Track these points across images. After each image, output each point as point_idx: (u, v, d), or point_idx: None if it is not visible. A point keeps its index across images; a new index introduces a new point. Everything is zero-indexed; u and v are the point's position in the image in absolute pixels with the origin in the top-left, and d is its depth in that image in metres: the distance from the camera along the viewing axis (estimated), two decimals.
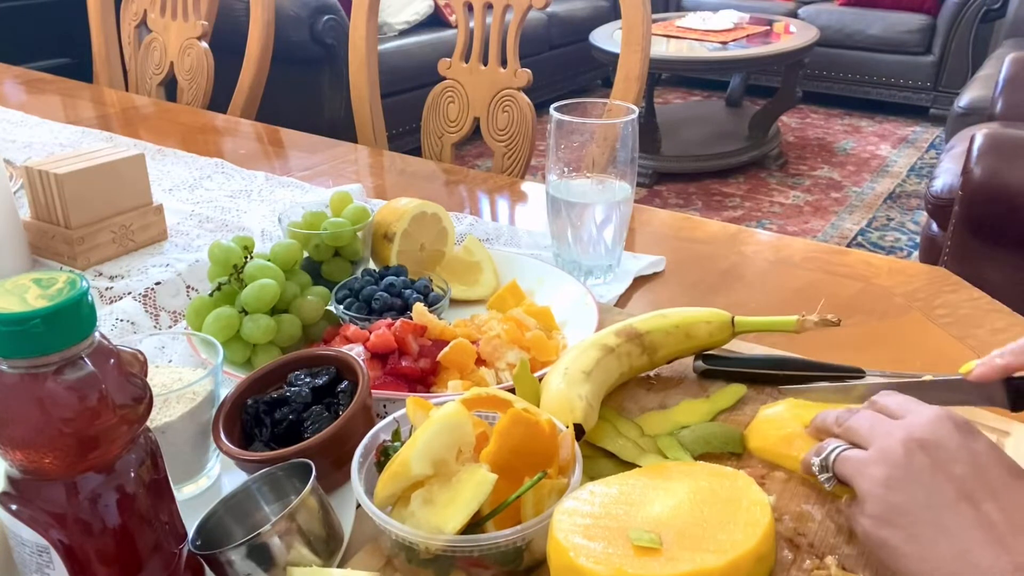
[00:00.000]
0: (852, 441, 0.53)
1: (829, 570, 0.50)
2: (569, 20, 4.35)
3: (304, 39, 3.03)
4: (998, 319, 0.82)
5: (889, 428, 0.51)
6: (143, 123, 1.51)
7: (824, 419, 0.57)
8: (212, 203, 1.11)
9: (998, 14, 3.92)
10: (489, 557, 0.49)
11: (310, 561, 0.50)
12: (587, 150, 0.85)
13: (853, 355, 0.72)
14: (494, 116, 1.35)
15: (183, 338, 0.71)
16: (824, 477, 0.53)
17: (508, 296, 0.81)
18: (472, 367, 0.69)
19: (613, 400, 0.67)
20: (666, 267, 0.95)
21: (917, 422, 0.50)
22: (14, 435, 0.41)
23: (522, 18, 1.32)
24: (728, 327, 0.70)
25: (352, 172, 1.28)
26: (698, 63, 3.53)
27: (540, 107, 1.31)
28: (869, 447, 0.51)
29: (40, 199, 0.91)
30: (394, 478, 0.50)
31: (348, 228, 0.82)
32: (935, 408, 0.51)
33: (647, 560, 0.45)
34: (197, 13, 1.67)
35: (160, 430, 0.56)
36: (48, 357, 0.41)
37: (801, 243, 1.02)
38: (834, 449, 0.53)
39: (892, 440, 0.49)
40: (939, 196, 1.91)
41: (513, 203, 1.18)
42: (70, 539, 0.44)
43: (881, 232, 3.07)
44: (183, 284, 0.87)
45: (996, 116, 2.19)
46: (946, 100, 3.89)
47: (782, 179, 3.56)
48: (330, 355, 0.63)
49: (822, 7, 4.42)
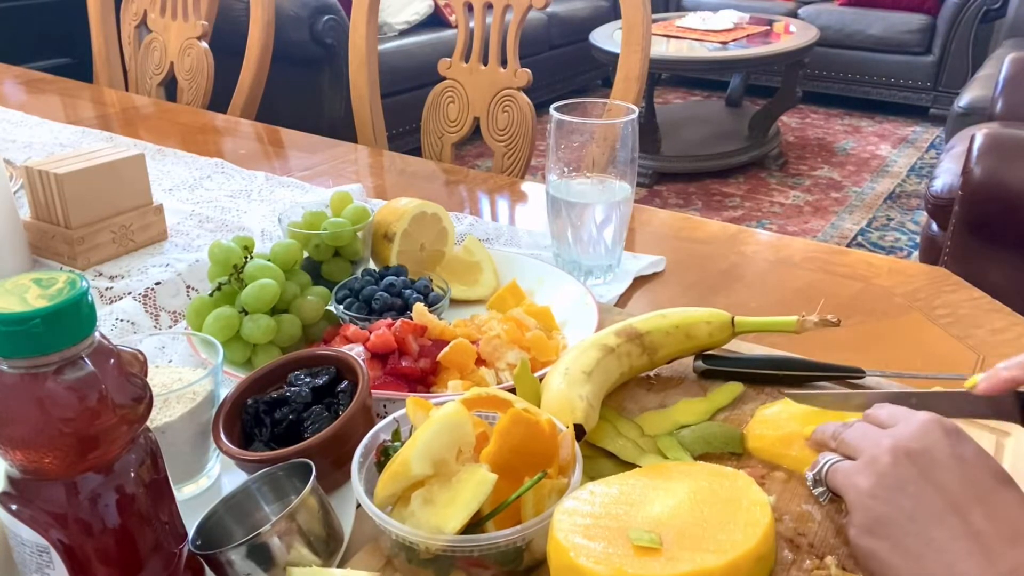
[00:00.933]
0: (845, 454, 0.53)
1: (829, 570, 0.50)
2: (569, 20, 4.35)
3: (304, 39, 3.03)
4: (998, 319, 0.82)
5: (878, 438, 0.51)
6: (143, 123, 1.51)
7: (822, 432, 0.57)
8: (212, 203, 1.11)
9: (998, 14, 3.92)
10: (489, 557, 0.49)
11: (310, 561, 0.50)
12: (587, 150, 0.85)
13: (853, 355, 0.72)
14: (494, 116, 1.35)
15: (183, 338, 0.71)
16: (818, 491, 0.54)
17: (508, 296, 0.81)
18: (472, 367, 0.69)
19: (613, 400, 0.67)
20: (666, 267, 0.95)
21: (906, 431, 0.50)
22: (14, 435, 0.41)
23: (522, 18, 1.32)
24: (728, 327, 0.70)
25: (352, 172, 1.28)
26: (698, 63, 3.53)
27: (540, 107, 1.31)
28: (859, 458, 0.51)
29: (40, 199, 0.91)
30: (394, 478, 0.50)
31: (348, 228, 0.82)
32: (924, 415, 0.51)
33: (647, 560, 0.45)
34: (197, 13, 1.67)
35: (160, 430, 0.56)
36: (48, 357, 0.41)
37: (801, 243, 1.02)
38: (827, 462, 0.53)
39: (879, 450, 0.49)
40: (939, 196, 1.91)
41: (513, 203, 1.18)
42: (70, 539, 0.44)
43: (881, 232, 3.07)
44: (183, 284, 0.87)
45: (996, 116, 2.19)
46: (946, 100, 3.89)
47: (782, 179, 3.56)
48: (330, 355, 0.63)
49: (822, 7, 4.42)
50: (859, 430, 0.53)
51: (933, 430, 0.49)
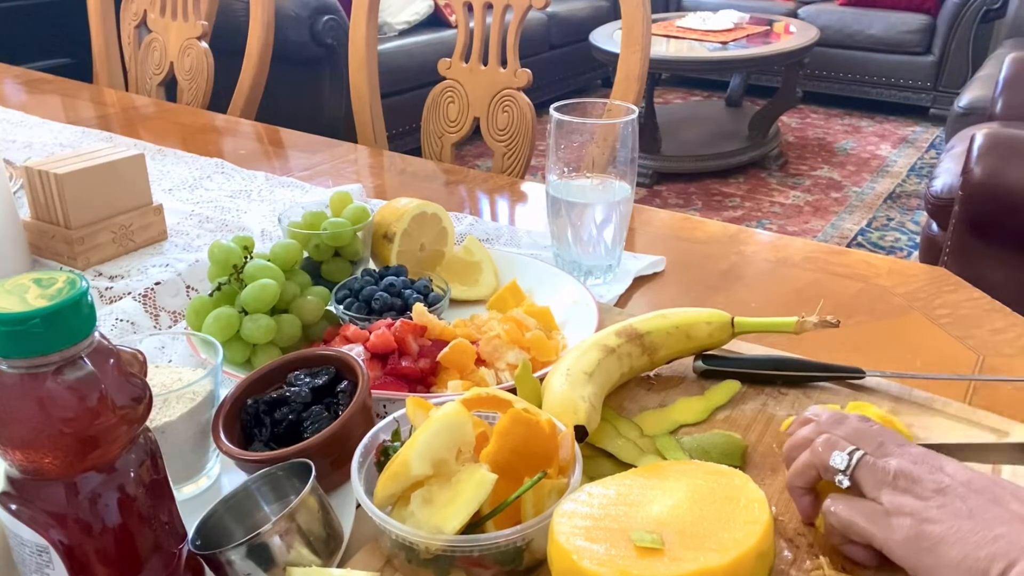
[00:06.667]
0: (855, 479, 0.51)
1: (823, 570, 0.50)
2: (569, 20, 4.35)
3: (304, 39, 3.03)
4: (998, 319, 0.82)
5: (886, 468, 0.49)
6: (143, 123, 1.51)
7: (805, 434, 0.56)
8: (212, 203, 1.11)
9: (998, 14, 3.92)
10: (489, 557, 0.49)
11: (310, 561, 0.50)
12: (587, 150, 0.85)
13: (853, 355, 0.72)
14: (494, 116, 1.35)
15: (183, 338, 0.71)
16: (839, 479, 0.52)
17: (508, 296, 0.81)
18: (472, 367, 0.69)
19: (613, 400, 0.67)
20: (666, 267, 0.95)
21: (906, 452, 0.50)
22: (14, 435, 0.41)
23: (522, 18, 1.32)
24: (728, 328, 0.70)
25: (352, 172, 1.28)
26: (698, 63, 3.53)
27: (540, 107, 1.31)
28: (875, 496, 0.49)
29: (40, 199, 0.91)
30: (394, 478, 0.50)
31: (348, 228, 0.82)
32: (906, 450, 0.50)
33: (651, 561, 0.45)
34: (197, 13, 1.67)
35: (160, 430, 0.56)
36: (48, 357, 0.41)
37: (801, 243, 1.02)
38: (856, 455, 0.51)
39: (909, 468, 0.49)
40: (939, 196, 1.91)
41: (513, 203, 1.18)
42: (70, 539, 0.44)
43: (881, 232, 3.07)
44: (183, 284, 0.87)
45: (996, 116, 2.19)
46: (946, 100, 3.89)
47: (782, 179, 3.56)
48: (330, 355, 0.63)
49: (822, 7, 4.42)
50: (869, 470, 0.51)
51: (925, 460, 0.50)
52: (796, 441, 0.55)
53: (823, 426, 0.54)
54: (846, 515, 0.49)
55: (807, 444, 0.53)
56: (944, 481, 0.47)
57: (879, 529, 0.47)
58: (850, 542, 0.50)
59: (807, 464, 0.53)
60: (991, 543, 0.43)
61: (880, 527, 0.47)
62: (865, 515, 0.48)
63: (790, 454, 0.55)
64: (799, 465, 0.53)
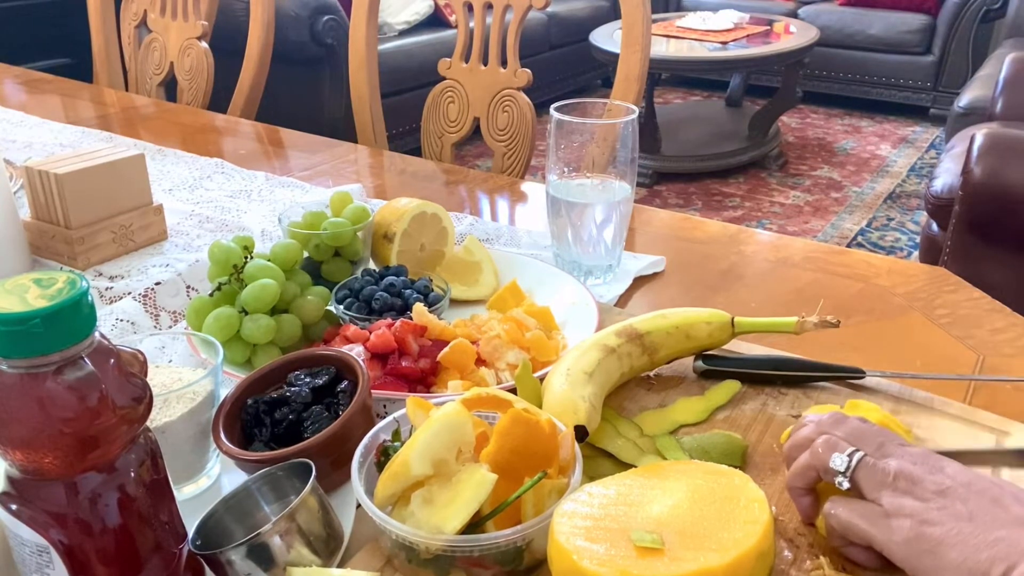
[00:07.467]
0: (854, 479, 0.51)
1: (823, 570, 0.50)
2: (569, 20, 4.35)
3: (304, 39, 3.03)
4: (998, 319, 0.82)
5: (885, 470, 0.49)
6: (143, 123, 1.51)
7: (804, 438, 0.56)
8: (212, 203, 1.11)
9: (998, 14, 3.92)
10: (489, 557, 0.49)
11: (310, 561, 0.50)
12: (587, 150, 0.85)
13: (853, 355, 0.72)
14: (494, 116, 1.35)
15: (183, 338, 0.71)
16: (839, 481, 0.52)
17: (508, 296, 0.81)
18: (472, 367, 0.69)
19: (613, 400, 0.67)
20: (666, 267, 0.95)
21: (905, 454, 0.50)
22: (14, 435, 0.41)
23: (522, 18, 1.32)
24: (728, 328, 0.70)
25: (352, 172, 1.28)
26: (698, 63, 3.53)
27: (540, 107, 1.31)
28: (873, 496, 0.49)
29: (40, 199, 0.91)
30: (394, 478, 0.50)
31: (348, 228, 0.82)
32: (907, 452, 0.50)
33: (651, 561, 0.45)
34: (197, 13, 1.67)
35: (160, 430, 0.56)
36: (48, 357, 0.41)
37: (801, 243, 1.02)
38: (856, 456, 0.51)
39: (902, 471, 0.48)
40: (939, 196, 1.91)
41: (513, 203, 1.18)
42: (70, 539, 0.44)
43: (881, 232, 3.07)
44: (183, 284, 0.87)
45: (996, 116, 2.19)
46: (946, 100, 3.89)
47: (782, 179, 3.56)
48: (330, 355, 0.63)
49: (822, 7, 4.42)
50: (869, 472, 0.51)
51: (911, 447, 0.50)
52: (796, 441, 0.55)
53: (823, 427, 0.54)
54: (846, 517, 0.49)
55: (807, 444, 0.53)
56: (944, 482, 0.47)
57: (879, 531, 0.47)
58: (851, 544, 0.50)
59: (807, 465, 0.53)
60: (991, 545, 0.43)
61: (880, 529, 0.47)
62: (865, 517, 0.48)
63: (790, 454, 0.55)
64: (799, 466, 0.53)
